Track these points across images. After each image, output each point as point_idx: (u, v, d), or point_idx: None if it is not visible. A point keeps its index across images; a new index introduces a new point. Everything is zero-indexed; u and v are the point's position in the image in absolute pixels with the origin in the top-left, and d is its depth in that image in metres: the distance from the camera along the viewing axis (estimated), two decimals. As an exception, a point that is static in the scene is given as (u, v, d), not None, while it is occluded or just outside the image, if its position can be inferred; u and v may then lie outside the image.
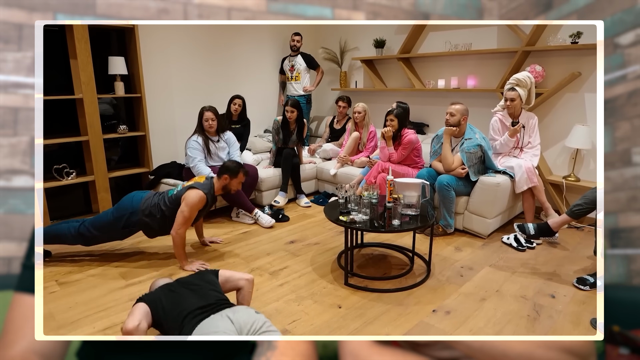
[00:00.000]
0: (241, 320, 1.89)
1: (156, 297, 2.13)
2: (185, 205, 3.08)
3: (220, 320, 1.88)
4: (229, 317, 1.90)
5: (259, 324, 1.90)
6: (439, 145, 3.89)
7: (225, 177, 3.25)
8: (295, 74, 5.71)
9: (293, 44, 5.64)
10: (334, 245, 3.64)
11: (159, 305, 2.07)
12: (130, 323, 1.94)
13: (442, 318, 2.53)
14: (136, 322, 1.95)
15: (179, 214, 3.09)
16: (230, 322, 1.87)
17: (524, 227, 3.22)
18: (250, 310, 1.99)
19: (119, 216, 3.18)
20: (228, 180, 3.27)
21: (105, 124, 4.34)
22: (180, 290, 2.14)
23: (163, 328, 2.08)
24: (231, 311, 1.96)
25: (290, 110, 4.63)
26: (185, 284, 2.21)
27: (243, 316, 1.92)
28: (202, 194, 3.11)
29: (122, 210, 3.19)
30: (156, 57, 4.72)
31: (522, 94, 3.81)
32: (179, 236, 3.10)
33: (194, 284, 2.19)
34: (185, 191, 3.15)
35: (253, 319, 1.91)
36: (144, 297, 2.14)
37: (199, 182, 3.22)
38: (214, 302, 2.05)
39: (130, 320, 1.96)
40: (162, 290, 2.18)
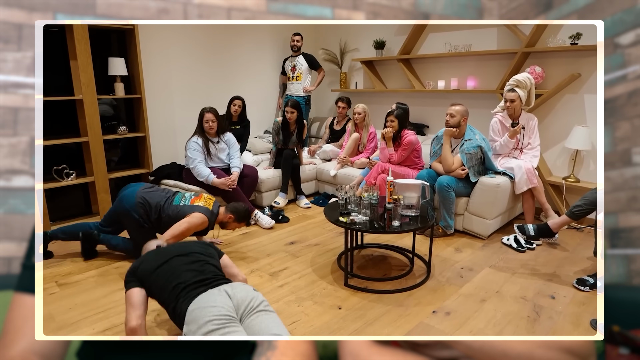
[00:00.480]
0: (239, 296, 1.88)
1: (149, 269, 2.09)
2: (187, 223, 3.04)
3: (218, 295, 1.86)
4: (226, 292, 1.89)
5: (257, 301, 1.89)
6: (439, 146, 3.89)
7: (230, 217, 3.24)
8: (296, 74, 5.71)
9: (293, 44, 5.64)
10: (334, 246, 3.64)
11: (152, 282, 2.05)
12: (134, 320, 1.93)
13: (442, 319, 2.53)
14: (139, 319, 1.95)
15: (175, 225, 3.04)
16: (228, 297, 1.86)
17: (524, 228, 3.22)
18: (248, 287, 1.98)
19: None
20: (231, 220, 3.26)
21: (105, 125, 4.34)
22: (176, 263, 2.10)
23: (158, 298, 2.06)
24: (229, 286, 1.94)
25: (290, 111, 4.63)
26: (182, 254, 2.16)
27: (241, 292, 1.90)
28: (206, 220, 3.11)
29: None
30: (156, 58, 4.72)
31: (521, 95, 3.81)
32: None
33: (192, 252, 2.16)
34: (191, 210, 3.12)
35: (251, 296, 1.90)
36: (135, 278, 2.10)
37: (207, 208, 3.19)
38: (211, 277, 2.03)
39: (133, 315, 1.95)
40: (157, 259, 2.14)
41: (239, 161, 4.30)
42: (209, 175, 4.00)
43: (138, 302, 2.02)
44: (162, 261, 2.11)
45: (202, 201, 3.24)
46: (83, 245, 3.35)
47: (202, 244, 2.31)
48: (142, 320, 1.97)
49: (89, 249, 3.36)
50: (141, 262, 2.17)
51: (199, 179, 4.04)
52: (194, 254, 2.17)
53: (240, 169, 4.26)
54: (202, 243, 2.32)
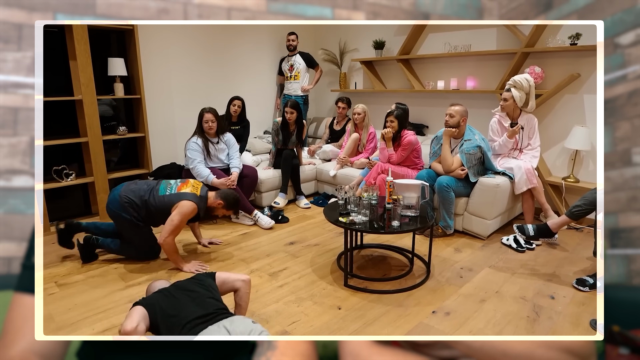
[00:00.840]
0: (237, 330, 1.88)
1: (153, 301, 2.10)
2: (178, 215, 3.04)
3: (217, 331, 1.87)
4: (225, 328, 1.89)
5: (256, 333, 1.89)
6: (439, 146, 3.89)
7: (220, 203, 3.24)
8: (294, 73, 5.71)
9: (289, 44, 5.64)
10: (334, 246, 3.63)
11: (157, 310, 2.05)
12: (128, 325, 1.92)
13: (441, 319, 2.53)
14: (134, 323, 1.93)
15: (168, 221, 3.04)
16: (227, 332, 1.87)
17: (524, 228, 3.22)
18: (247, 320, 1.98)
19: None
20: (220, 206, 3.25)
21: (105, 125, 4.34)
22: (179, 296, 2.11)
23: (160, 333, 2.06)
24: (228, 321, 1.94)
25: (290, 111, 4.63)
26: (183, 289, 2.17)
27: (240, 326, 1.90)
28: (195, 207, 3.10)
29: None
30: (156, 58, 4.72)
31: (516, 95, 3.80)
32: (167, 244, 3.07)
33: (192, 290, 2.16)
34: (178, 199, 3.11)
35: (250, 329, 1.90)
36: (141, 302, 2.12)
37: (195, 194, 3.19)
38: (213, 312, 2.03)
39: (129, 322, 1.94)
40: (159, 296, 2.15)
41: (238, 161, 4.29)
42: (208, 175, 4.00)
43: (137, 315, 2.01)
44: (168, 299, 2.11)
45: (189, 187, 3.22)
46: (81, 250, 3.34)
47: (198, 279, 2.29)
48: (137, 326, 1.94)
49: (88, 254, 3.35)
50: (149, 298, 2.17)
51: (199, 179, 4.03)
52: (194, 292, 2.16)
53: (239, 169, 4.26)
54: (197, 278, 2.30)
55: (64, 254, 3.44)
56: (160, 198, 3.14)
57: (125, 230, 3.24)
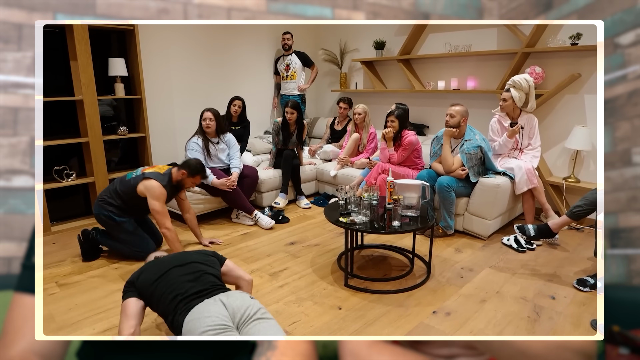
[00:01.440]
0: (234, 304, 1.86)
1: (148, 281, 2.07)
2: (154, 200, 3.13)
3: (213, 305, 1.85)
4: (222, 301, 1.87)
5: (253, 309, 1.86)
6: (439, 146, 3.89)
7: (183, 172, 3.29)
8: (290, 72, 5.71)
9: (284, 43, 5.65)
10: (334, 246, 3.63)
11: (149, 291, 2.04)
12: (126, 329, 1.92)
13: (442, 319, 2.53)
14: (132, 328, 1.93)
15: (153, 212, 3.15)
16: (223, 306, 1.84)
17: (524, 229, 3.22)
18: (245, 295, 1.96)
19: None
20: (185, 176, 3.30)
21: (106, 126, 4.34)
22: (174, 273, 2.08)
23: (156, 310, 2.05)
24: (225, 295, 1.92)
25: (290, 111, 4.63)
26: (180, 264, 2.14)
27: (236, 301, 1.88)
28: (158, 184, 3.15)
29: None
30: (156, 58, 4.73)
31: (515, 95, 3.80)
32: (169, 230, 3.16)
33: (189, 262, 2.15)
34: (142, 179, 3.18)
35: (247, 304, 1.87)
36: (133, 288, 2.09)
37: (158, 172, 3.25)
38: (209, 287, 2.02)
39: (126, 324, 1.94)
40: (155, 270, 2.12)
41: (238, 162, 4.29)
42: (208, 175, 4.00)
43: (133, 313, 1.99)
44: (160, 273, 2.08)
45: (153, 169, 3.30)
46: (82, 245, 3.35)
47: (202, 253, 2.28)
48: (134, 330, 1.93)
49: (88, 249, 3.36)
50: (140, 273, 2.14)
51: (199, 179, 4.04)
52: (193, 264, 2.14)
53: (240, 169, 4.26)
54: (202, 252, 2.30)
55: (64, 254, 3.44)
56: (127, 182, 3.22)
57: (110, 229, 3.30)
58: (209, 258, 2.26)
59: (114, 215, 3.22)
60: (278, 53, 5.97)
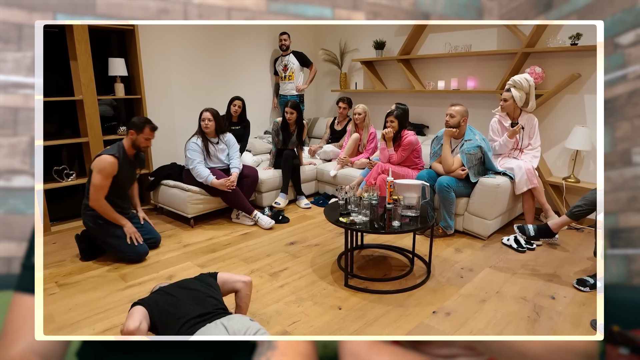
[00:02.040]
0: (235, 327, 1.89)
1: (153, 300, 2.11)
2: (97, 173, 3.06)
3: (214, 329, 1.88)
4: (223, 325, 1.90)
5: (253, 330, 1.89)
6: (439, 146, 3.89)
7: (131, 133, 3.23)
8: (288, 73, 5.71)
9: (282, 44, 5.65)
10: (334, 246, 3.63)
11: (156, 309, 2.06)
12: (131, 324, 1.93)
13: (442, 319, 2.53)
14: (137, 323, 1.94)
15: (90, 185, 3.09)
16: (224, 329, 1.87)
17: (524, 229, 3.22)
18: (245, 318, 1.99)
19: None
20: (135, 135, 3.24)
21: (106, 126, 4.34)
22: (178, 295, 2.13)
23: (158, 332, 2.07)
24: (226, 319, 1.96)
25: (290, 111, 4.63)
26: (183, 287, 2.19)
27: (237, 324, 1.91)
28: (110, 158, 3.08)
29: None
30: (156, 58, 4.73)
31: (516, 95, 3.80)
32: (99, 206, 3.10)
33: (192, 289, 2.18)
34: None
35: (247, 326, 1.91)
36: (140, 301, 2.13)
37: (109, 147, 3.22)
38: (212, 311, 2.04)
39: (131, 321, 1.95)
40: (158, 295, 2.16)
41: (238, 162, 4.29)
42: (208, 175, 4.00)
43: (139, 314, 2.01)
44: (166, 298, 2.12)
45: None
46: (79, 245, 3.36)
47: (201, 279, 2.31)
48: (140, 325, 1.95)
49: (86, 249, 3.36)
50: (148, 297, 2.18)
51: (198, 179, 4.03)
52: (195, 291, 2.18)
53: (239, 169, 4.26)
54: (200, 278, 2.32)
55: (65, 254, 3.44)
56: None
57: (98, 234, 3.29)
58: (208, 280, 2.30)
59: (97, 219, 3.21)
60: (276, 53, 5.97)
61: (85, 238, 3.36)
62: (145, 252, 3.35)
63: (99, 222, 3.22)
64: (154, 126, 3.31)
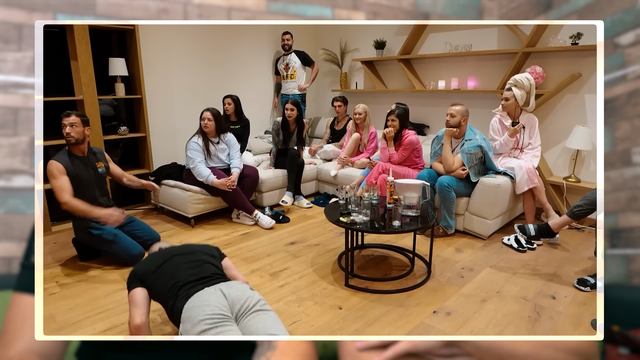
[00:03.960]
0: (234, 295, 1.87)
1: (148, 272, 2.11)
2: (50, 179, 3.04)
3: (213, 294, 1.86)
4: (222, 291, 1.88)
5: (253, 300, 1.87)
6: (440, 146, 3.88)
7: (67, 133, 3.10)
8: (290, 72, 5.71)
9: (284, 44, 5.65)
10: (335, 246, 3.63)
11: (152, 279, 2.07)
12: (137, 318, 1.95)
13: (442, 319, 2.53)
14: (144, 317, 1.96)
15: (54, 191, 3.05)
16: (223, 296, 1.85)
17: (525, 228, 3.21)
18: (245, 286, 1.97)
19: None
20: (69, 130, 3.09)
21: (106, 125, 4.34)
22: (176, 261, 2.12)
23: (157, 298, 2.08)
24: (225, 285, 1.93)
25: (291, 108, 4.63)
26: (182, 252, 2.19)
27: (236, 291, 1.89)
28: (50, 163, 3.05)
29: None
30: (156, 58, 4.73)
31: (518, 94, 3.80)
32: (70, 205, 3.02)
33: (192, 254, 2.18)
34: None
35: (247, 295, 1.88)
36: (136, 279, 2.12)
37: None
38: (209, 275, 2.04)
39: (138, 313, 1.96)
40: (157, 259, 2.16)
41: (239, 161, 4.29)
42: (208, 175, 4.00)
43: (141, 301, 2.03)
44: (162, 261, 2.14)
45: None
46: (77, 248, 3.38)
47: (205, 246, 2.33)
48: (146, 318, 1.99)
49: (83, 251, 3.37)
50: (142, 263, 2.20)
51: (199, 179, 4.04)
52: (195, 254, 2.19)
53: (240, 169, 4.26)
54: (204, 245, 2.34)
55: (65, 254, 3.45)
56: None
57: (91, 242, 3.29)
58: (211, 250, 2.30)
59: (86, 231, 3.20)
60: (278, 54, 5.97)
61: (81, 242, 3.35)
62: (141, 255, 3.30)
63: (90, 233, 3.19)
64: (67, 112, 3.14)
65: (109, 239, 3.22)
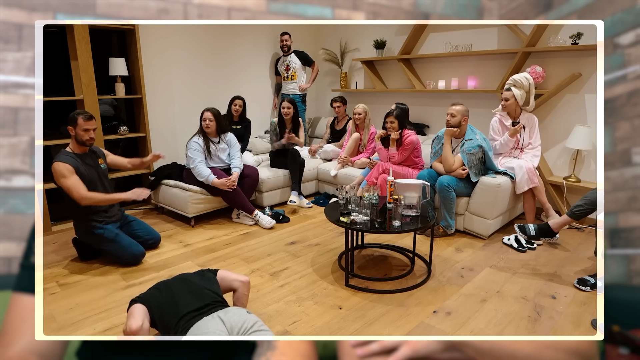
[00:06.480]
0: (232, 320, 1.91)
1: (150, 296, 2.14)
2: (61, 178, 3.03)
3: (211, 322, 1.90)
4: (220, 318, 1.92)
5: (250, 323, 1.91)
6: (440, 146, 3.88)
7: (70, 130, 3.12)
8: (291, 73, 5.71)
9: (283, 44, 5.65)
10: (335, 246, 3.63)
11: (154, 304, 2.09)
12: (134, 323, 1.95)
13: (442, 319, 2.53)
14: (139, 322, 1.96)
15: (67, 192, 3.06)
16: (221, 322, 1.89)
17: (525, 228, 3.21)
18: (242, 310, 2.01)
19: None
20: (73, 131, 3.12)
21: (106, 125, 4.34)
22: (177, 288, 2.15)
23: (158, 327, 2.09)
24: (223, 312, 1.97)
25: (287, 106, 4.65)
26: (184, 281, 2.22)
27: (234, 316, 1.93)
28: (56, 163, 3.05)
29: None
30: (157, 58, 4.73)
31: (517, 94, 3.80)
32: (90, 199, 3.05)
33: (190, 281, 2.21)
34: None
35: (244, 319, 1.92)
36: (138, 299, 2.15)
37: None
38: (209, 303, 2.06)
39: (133, 320, 1.97)
40: (155, 290, 2.18)
41: (239, 161, 4.29)
42: (209, 175, 4.00)
43: (140, 313, 2.04)
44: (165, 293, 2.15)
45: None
46: (77, 248, 3.38)
47: (199, 273, 2.35)
48: (142, 323, 1.97)
49: (83, 251, 3.37)
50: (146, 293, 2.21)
51: (199, 179, 4.04)
52: (193, 283, 2.21)
53: (240, 169, 4.26)
54: (199, 272, 2.36)
55: (65, 254, 3.45)
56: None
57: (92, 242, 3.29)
58: (208, 275, 2.33)
59: (89, 231, 3.21)
60: (277, 56, 5.97)
61: (81, 241, 3.35)
62: (142, 254, 3.32)
63: (92, 232, 3.21)
64: (88, 115, 3.14)
65: (111, 239, 3.23)
